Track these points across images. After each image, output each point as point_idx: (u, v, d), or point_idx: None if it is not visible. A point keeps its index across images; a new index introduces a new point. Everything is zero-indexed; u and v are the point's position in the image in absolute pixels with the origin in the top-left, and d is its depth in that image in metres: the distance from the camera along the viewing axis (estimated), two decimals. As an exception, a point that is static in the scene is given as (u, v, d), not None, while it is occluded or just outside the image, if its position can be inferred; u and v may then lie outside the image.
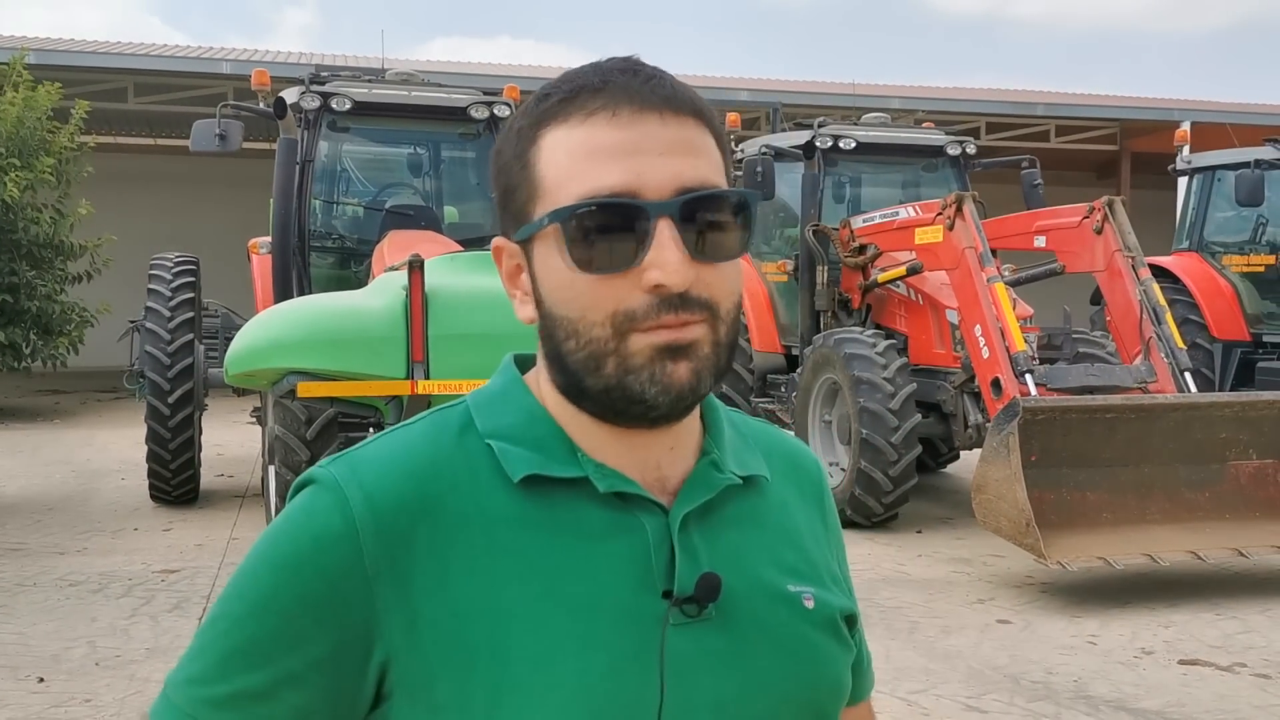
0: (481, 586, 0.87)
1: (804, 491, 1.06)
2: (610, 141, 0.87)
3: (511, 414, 0.94)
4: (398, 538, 0.87)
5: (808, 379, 8.17)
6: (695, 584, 0.90)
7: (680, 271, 0.85)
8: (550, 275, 0.90)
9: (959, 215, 7.44)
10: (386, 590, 0.86)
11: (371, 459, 0.91)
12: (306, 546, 0.87)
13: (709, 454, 0.97)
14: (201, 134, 7.20)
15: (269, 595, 0.87)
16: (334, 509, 0.88)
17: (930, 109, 16.99)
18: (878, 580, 6.43)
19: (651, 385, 0.87)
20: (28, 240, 13.39)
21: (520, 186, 0.91)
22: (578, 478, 0.91)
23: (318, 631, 0.86)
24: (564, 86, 0.91)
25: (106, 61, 16.35)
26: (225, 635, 0.88)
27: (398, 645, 0.86)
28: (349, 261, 7.90)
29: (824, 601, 0.98)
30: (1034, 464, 6.04)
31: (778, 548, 0.98)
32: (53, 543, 7.12)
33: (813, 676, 0.95)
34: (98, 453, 10.91)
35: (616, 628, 0.88)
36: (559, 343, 0.90)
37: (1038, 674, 4.89)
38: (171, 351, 7.91)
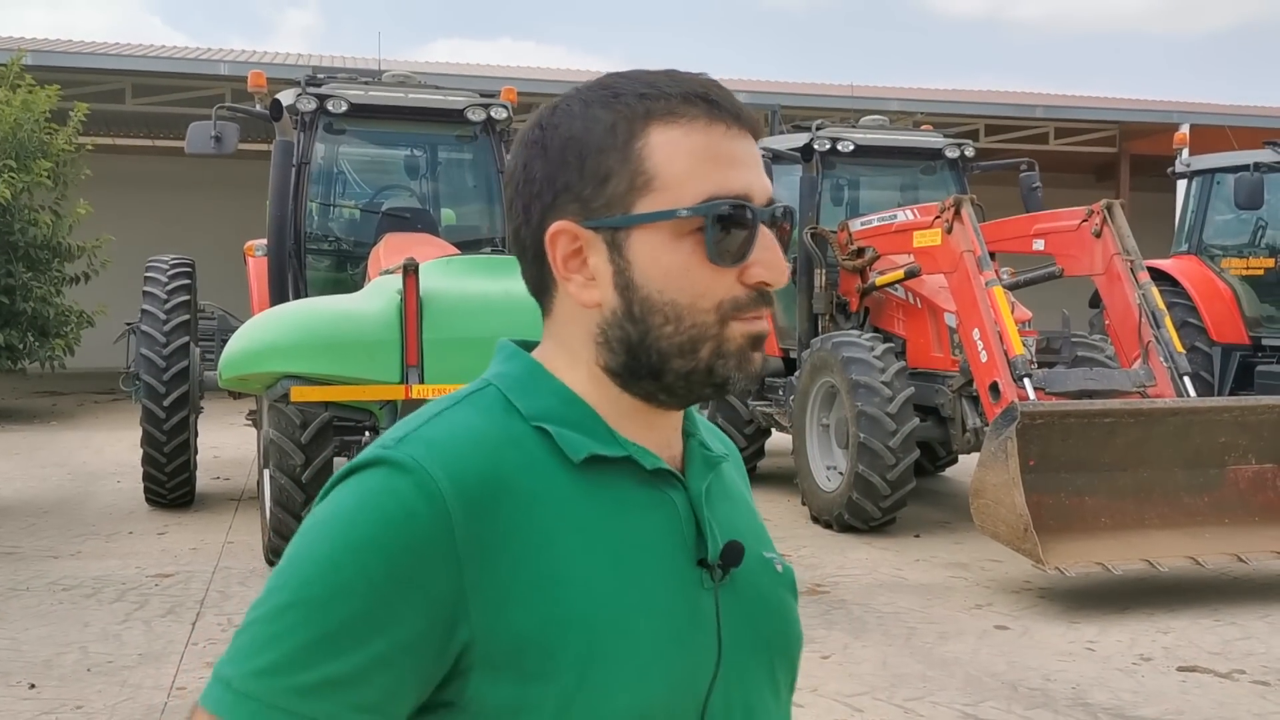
0: (559, 561, 0.92)
1: (739, 471, 1.16)
2: (730, 151, 0.97)
3: (547, 397, 0.99)
4: (484, 516, 0.90)
5: (805, 382, 8.14)
6: (724, 550, 0.99)
7: (784, 271, 0.98)
8: (660, 262, 0.95)
9: (957, 218, 7.42)
10: (474, 569, 0.89)
11: (443, 438, 0.94)
12: (396, 527, 0.88)
13: (694, 435, 1.06)
14: (197, 136, 7.18)
15: (354, 578, 0.87)
16: (417, 488, 0.89)
17: (929, 111, 16.96)
18: (875, 585, 6.40)
19: (738, 370, 0.97)
20: (25, 242, 13.36)
21: (618, 175, 0.96)
22: (621, 457, 0.97)
23: (408, 612, 0.87)
24: (671, 89, 0.97)
25: (104, 63, 16.33)
26: (306, 622, 0.86)
27: (484, 623, 0.89)
28: (345, 264, 7.87)
29: (786, 566, 1.10)
30: (1032, 469, 6.01)
31: (748, 518, 1.10)
32: (47, 546, 7.09)
33: (791, 631, 1.08)
34: (94, 455, 10.88)
35: (671, 593, 0.96)
36: (652, 327, 0.96)
37: (1035, 681, 4.86)
38: (167, 354, 7.88)
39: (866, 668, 5.01)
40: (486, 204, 8.16)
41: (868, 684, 4.80)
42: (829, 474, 8.00)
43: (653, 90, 0.98)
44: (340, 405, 5.37)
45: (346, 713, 0.86)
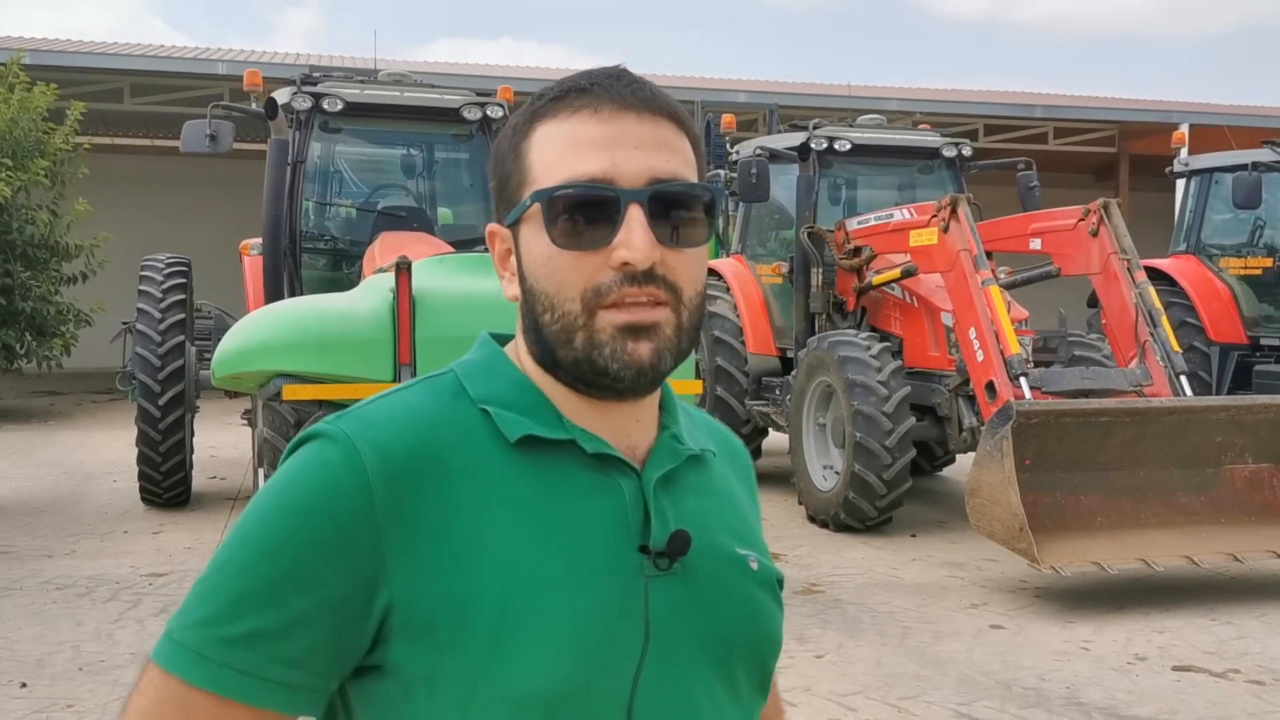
0: (482, 536, 0.94)
1: (739, 473, 1.18)
2: (592, 135, 0.98)
3: (500, 382, 1.03)
4: (405, 488, 0.94)
5: (802, 382, 8.12)
6: (667, 540, 0.99)
7: (644, 250, 0.95)
8: (532, 252, 1.00)
9: (954, 217, 7.40)
10: (394, 537, 0.93)
11: (378, 415, 0.99)
12: (320, 494, 0.93)
13: (668, 428, 1.07)
14: (192, 135, 7.16)
15: (281, 540, 0.92)
16: (345, 460, 0.94)
17: (928, 111, 16.95)
18: (870, 585, 6.39)
19: (614, 361, 0.97)
20: (23, 241, 13.35)
21: (512, 175, 1.02)
22: (565, 440, 1.00)
23: (329, 574, 0.92)
24: (556, 88, 1.02)
25: (103, 62, 16.32)
26: (236, 578, 0.93)
27: (402, 590, 0.92)
28: (341, 263, 7.85)
29: (764, 564, 1.09)
30: (1028, 468, 6.00)
31: (726, 515, 1.09)
32: (41, 545, 7.08)
33: (760, 630, 1.07)
34: (90, 454, 10.87)
35: (602, 576, 0.97)
36: (537, 315, 1.00)
37: (1030, 680, 4.85)
38: (162, 353, 7.86)
39: (860, 667, 5.00)
40: (483, 203, 8.14)
41: (861, 683, 4.79)
42: (825, 473, 7.98)
43: (545, 91, 1.03)
44: (333, 403, 5.35)
45: (269, 664, 0.91)
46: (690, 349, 1.02)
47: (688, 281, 0.99)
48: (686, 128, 1.03)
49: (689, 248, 1.00)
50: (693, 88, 16.63)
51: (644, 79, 1.03)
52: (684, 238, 0.99)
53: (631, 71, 1.04)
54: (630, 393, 1.00)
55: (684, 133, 1.03)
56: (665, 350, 0.98)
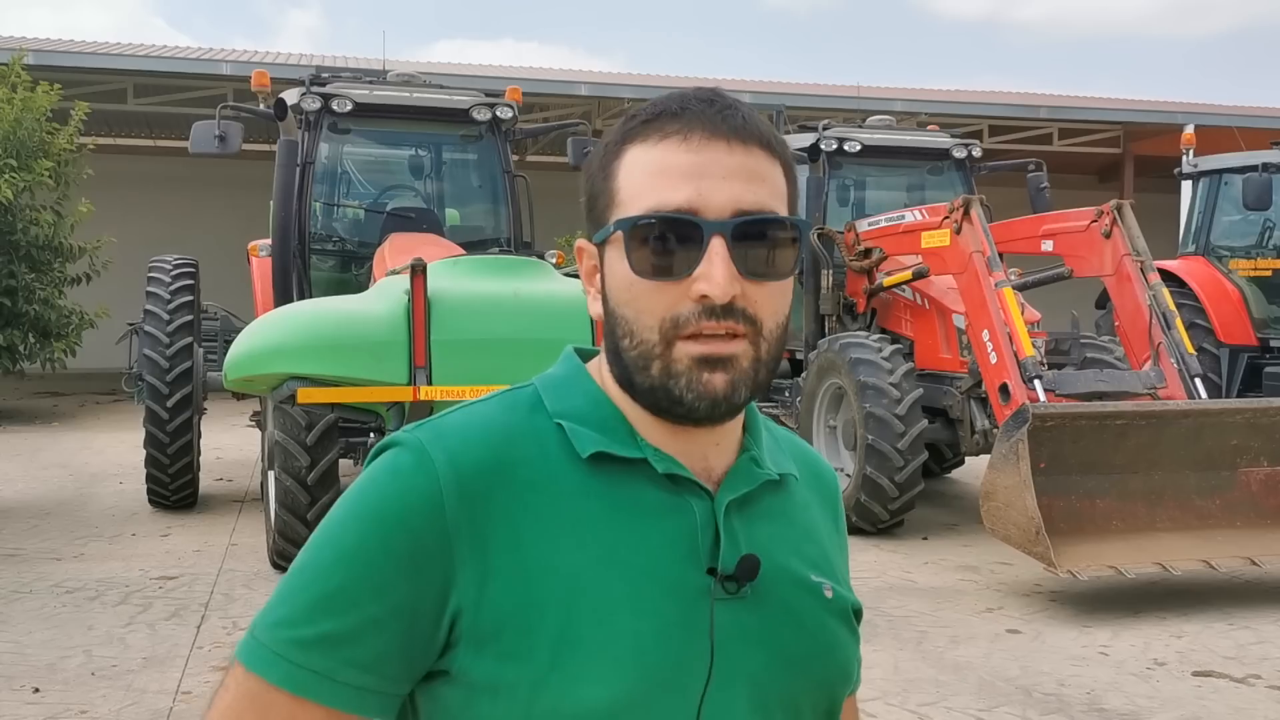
0: (549, 549, 0.95)
1: (823, 498, 1.17)
2: (680, 162, 0.97)
3: (577, 398, 1.03)
4: (477, 498, 0.95)
5: (812, 384, 8.09)
6: (736, 564, 0.99)
7: (723, 284, 0.95)
8: (615, 277, 1.00)
9: (966, 219, 7.37)
10: (464, 546, 0.94)
11: (454, 426, 1.00)
12: (393, 502, 0.95)
13: (749, 451, 1.06)
14: (201, 135, 7.13)
15: (356, 546, 0.95)
16: (419, 469, 0.96)
17: (933, 111, 16.91)
18: (884, 588, 6.35)
19: (689, 392, 0.97)
20: (26, 242, 13.31)
21: (602, 195, 1.02)
22: (637, 459, 1.00)
23: (400, 581, 0.94)
24: (649, 110, 1.01)
25: (106, 62, 16.28)
26: (313, 583, 0.95)
27: (470, 598, 0.94)
28: (350, 264, 7.83)
29: (840, 594, 1.08)
30: (1043, 471, 5.96)
31: (803, 542, 1.08)
32: (49, 548, 7.04)
33: (829, 659, 1.06)
34: (96, 456, 10.83)
35: (666, 596, 0.97)
36: (618, 339, 1.00)
37: (1050, 685, 4.81)
38: (170, 355, 7.82)
39: (878, 672, 4.96)
40: (491, 204, 8.11)
41: (880, 689, 4.75)
42: (837, 476, 7.93)
43: (637, 112, 1.02)
44: (346, 406, 5.31)
45: (342, 667, 0.94)
46: (769, 381, 1.01)
47: (769, 314, 0.99)
48: (779, 155, 1.02)
49: (772, 280, 0.99)
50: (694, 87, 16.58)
51: (738, 103, 1.02)
52: (768, 270, 0.99)
53: (726, 95, 1.03)
54: (706, 421, 1.00)
55: (776, 161, 1.02)
56: (740, 382, 0.98)
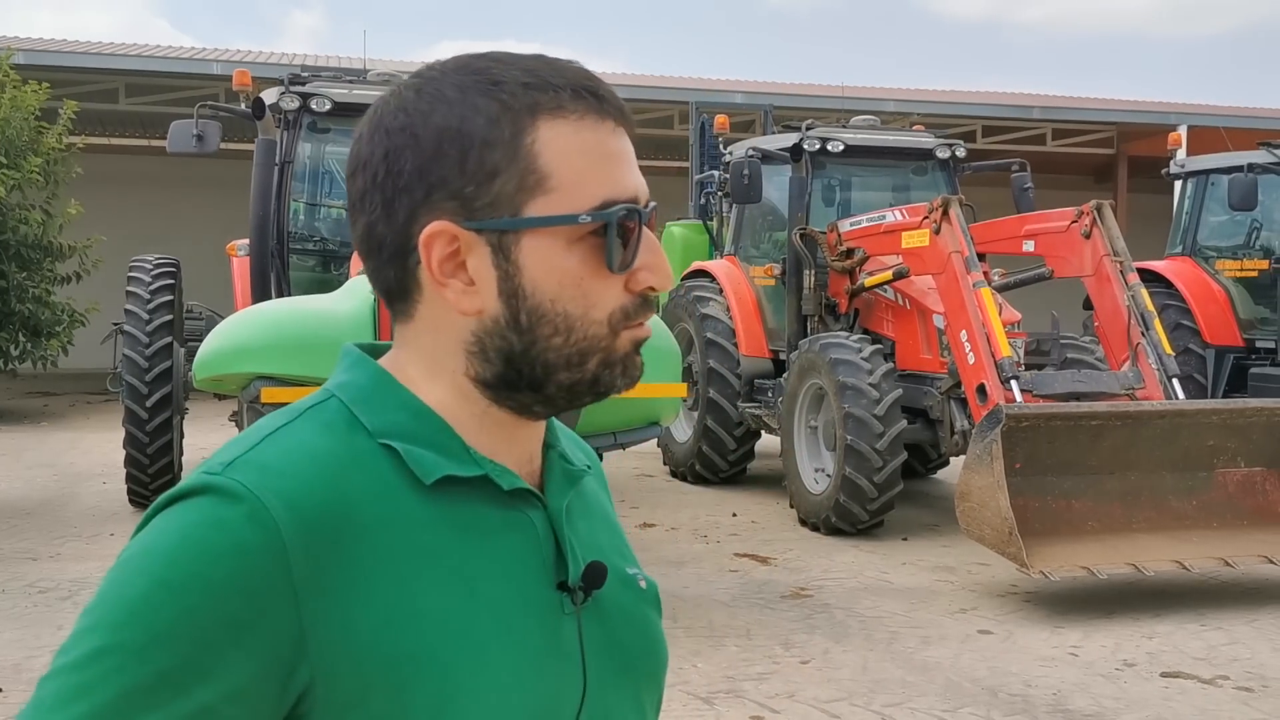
0: (409, 593, 0.84)
1: (600, 481, 1.10)
2: (617, 149, 0.92)
3: (396, 411, 0.90)
4: (325, 547, 0.82)
5: (794, 384, 8.08)
6: (585, 572, 0.93)
7: (671, 275, 0.93)
8: (554, 270, 0.89)
9: (945, 219, 7.36)
10: (315, 606, 0.81)
11: (278, 462, 0.84)
12: (222, 564, 0.79)
13: (554, 447, 0.99)
14: (179, 135, 7.10)
15: (176, 620, 0.78)
16: (249, 519, 0.80)
17: (926, 112, 16.90)
18: (859, 589, 6.34)
19: (625, 377, 0.93)
20: (16, 241, 13.32)
21: (506, 172, 0.88)
22: (477, 476, 0.90)
23: (238, 657, 0.78)
24: (556, 80, 0.90)
25: (98, 62, 16.28)
26: (120, 670, 0.77)
27: (325, 664, 0.81)
28: (330, 264, 7.81)
29: (650, 581, 1.04)
30: (1018, 472, 5.96)
31: (608, 534, 1.03)
32: (26, 548, 7.04)
33: (656, 653, 1.02)
34: (81, 456, 10.83)
35: (530, 622, 0.89)
36: (540, 338, 0.90)
37: (1016, 686, 4.80)
38: (149, 355, 7.82)
39: (846, 673, 4.95)
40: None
41: (846, 689, 4.74)
42: (817, 476, 7.93)
43: (536, 80, 0.90)
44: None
45: None
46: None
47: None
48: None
49: None
50: (688, 88, 16.59)
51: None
52: None
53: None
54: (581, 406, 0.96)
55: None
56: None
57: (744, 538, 7.58)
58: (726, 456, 9.33)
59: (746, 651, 5.19)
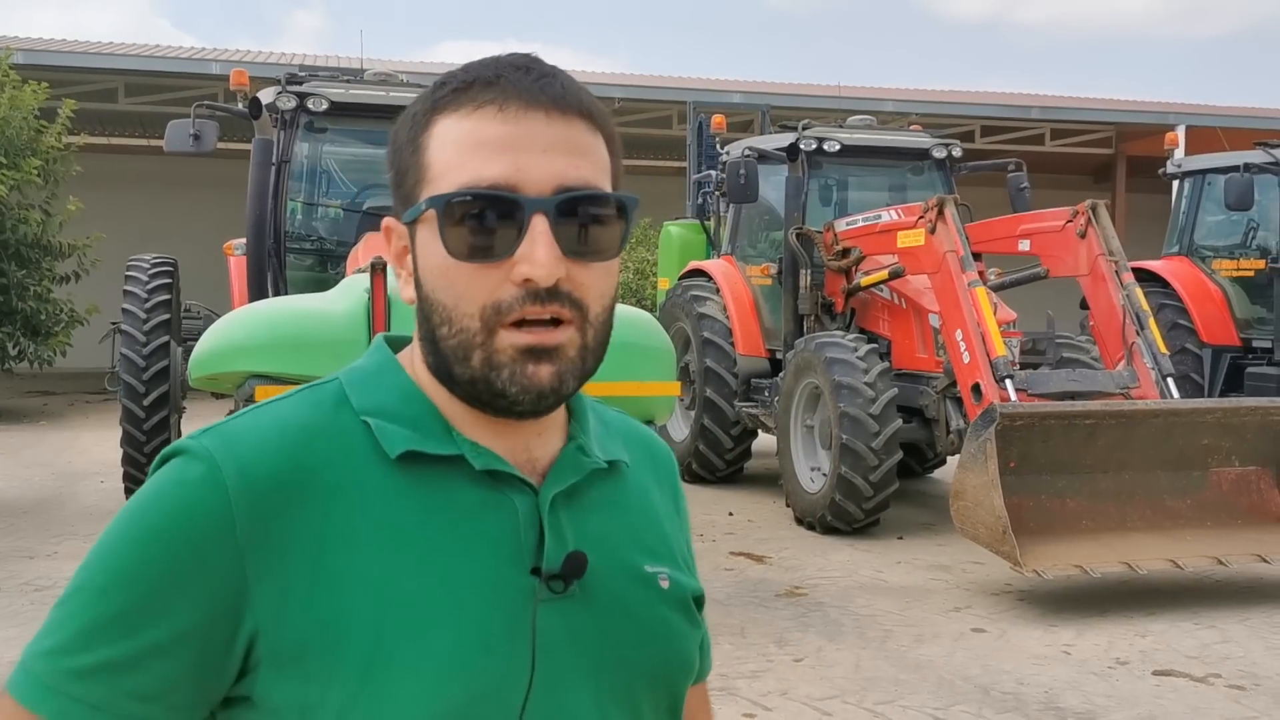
0: (355, 559, 0.88)
1: (659, 478, 1.11)
2: (495, 135, 0.90)
3: (386, 392, 0.96)
4: (271, 509, 0.88)
5: (790, 383, 8.09)
6: (562, 562, 0.93)
7: (548, 266, 0.88)
8: (428, 260, 0.93)
9: (940, 218, 7.38)
10: (258, 562, 0.87)
11: (245, 430, 0.92)
12: (176, 518, 0.88)
13: (575, 439, 1.00)
14: (175, 134, 7.11)
15: (135, 566, 0.87)
16: (206, 480, 0.88)
17: (924, 112, 16.91)
18: (854, 587, 6.36)
19: (513, 384, 0.91)
20: (15, 240, 13.33)
21: (410, 170, 0.94)
22: (453, 455, 0.93)
23: (185, 603, 0.86)
24: (460, 77, 0.94)
25: (96, 62, 16.30)
26: (88, 607, 0.88)
27: (268, 617, 0.87)
28: (327, 264, 7.81)
29: (678, 582, 1.03)
30: (1012, 471, 5.97)
31: (638, 530, 1.03)
32: (23, 546, 7.05)
33: (667, 653, 1.00)
34: (79, 455, 10.84)
35: (487, 602, 0.90)
36: (434, 327, 0.93)
37: (1009, 684, 4.82)
38: (146, 354, 7.83)
39: (839, 671, 4.96)
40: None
41: (839, 687, 4.75)
42: (813, 475, 7.95)
43: (447, 79, 0.95)
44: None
45: (120, 699, 0.86)
46: (595, 368, 0.95)
47: (594, 297, 0.93)
48: (601, 126, 0.96)
49: (598, 261, 0.93)
50: (686, 88, 16.59)
51: (557, 70, 0.95)
52: (592, 250, 0.92)
53: (543, 61, 0.96)
54: (530, 415, 0.94)
55: (598, 132, 0.95)
56: (567, 373, 0.92)
57: (740, 536, 7.60)
58: (723, 455, 9.34)
59: (740, 649, 5.20)
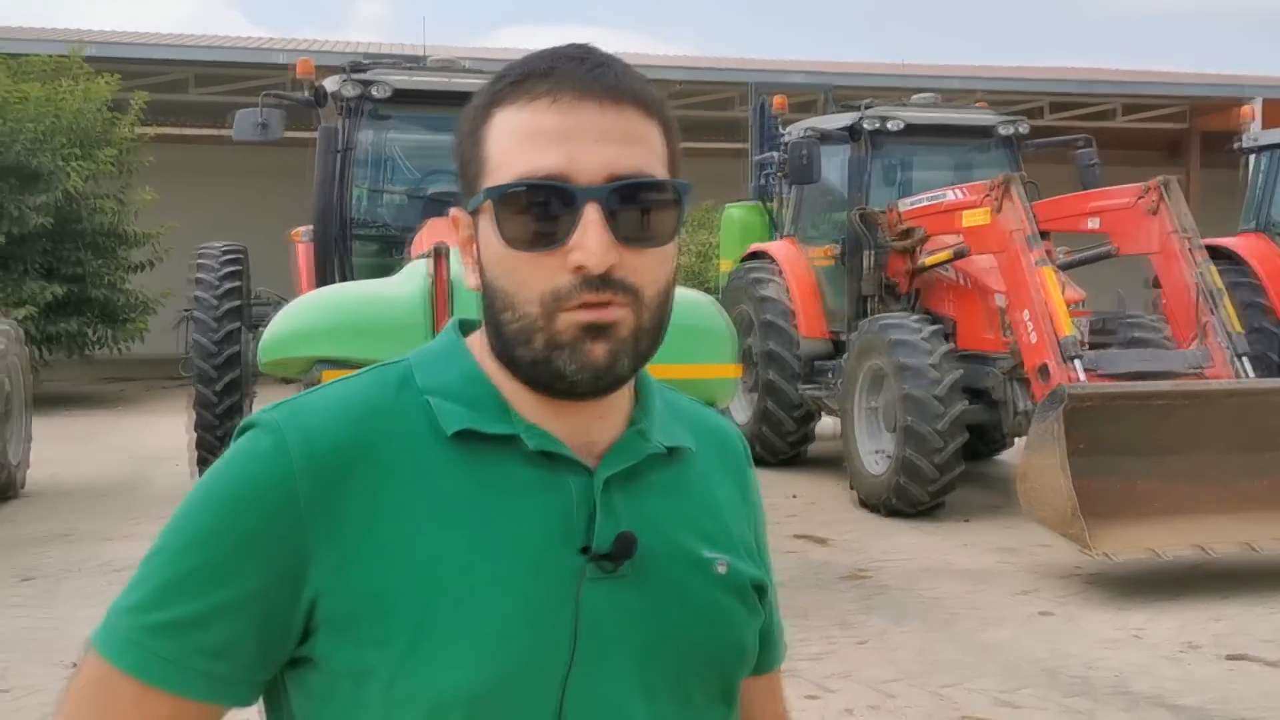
0: (408, 531, 0.93)
1: (727, 466, 1.11)
2: (549, 126, 0.93)
3: (450, 373, 1.00)
4: (333, 481, 0.93)
5: (853, 365, 8.04)
6: (613, 541, 0.95)
7: (600, 254, 0.91)
8: (489, 248, 0.96)
9: (1006, 197, 7.27)
10: (319, 531, 0.92)
11: (312, 406, 0.97)
12: (245, 486, 0.94)
13: (637, 424, 1.02)
14: (243, 123, 7.25)
15: (206, 531, 0.93)
16: (274, 451, 0.94)
17: (990, 89, 16.66)
18: (919, 570, 6.31)
19: (572, 363, 0.93)
20: (92, 229, 13.68)
21: (472, 161, 0.97)
22: (507, 435, 0.96)
23: (250, 567, 0.92)
24: (517, 69, 0.96)
25: (165, 53, 16.62)
26: (164, 567, 0.94)
27: (328, 583, 0.92)
28: (391, 249, 7.90)
29: (736, 569, 1.03)
30: (1081, 452, 5.88)
31: (697, 516, 1.03)
32: (101, 529, 7.25)
33: (719, 639, 1.01)
34: (155, 439, 11.09)
35: (533, 577, 0.93)
36: (497, 312, 0.96)
37: (1077, 668, 4.76)
38: (218, 340, 8.00)
39: (903, 654, 4.94)
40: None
41: (903, 670, 4.73)
42: (877, 458, 7.89)
43: (505, 72, 0.97)
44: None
45: (191, 654, 0.92)
46: (651, 351, 0.97)
47: (649, 282, 0.94)
48: (656, 113, 0.97)
49: (652, 247, 0.95)
50: (747, 69, 16.50)
51: (612, 59, 0.97)
52: (646, 236, 0.94)
53: (598, 50, 0.97)
54: (587, 395, 0.96)
55: (653, 119, 0.96)
56: (622, 353, 0.94)
57: (803, 519, 7.58)
58: (786, 438, 9.32)
59: (803, 632, 5.19)
